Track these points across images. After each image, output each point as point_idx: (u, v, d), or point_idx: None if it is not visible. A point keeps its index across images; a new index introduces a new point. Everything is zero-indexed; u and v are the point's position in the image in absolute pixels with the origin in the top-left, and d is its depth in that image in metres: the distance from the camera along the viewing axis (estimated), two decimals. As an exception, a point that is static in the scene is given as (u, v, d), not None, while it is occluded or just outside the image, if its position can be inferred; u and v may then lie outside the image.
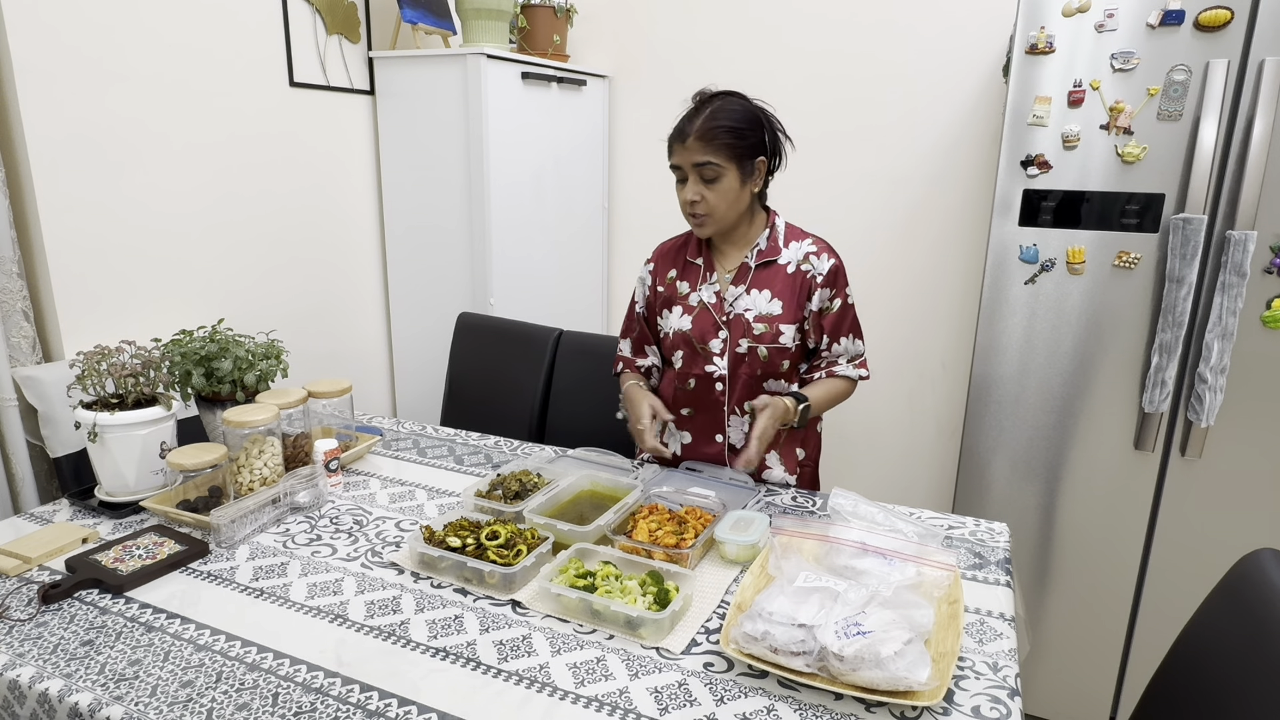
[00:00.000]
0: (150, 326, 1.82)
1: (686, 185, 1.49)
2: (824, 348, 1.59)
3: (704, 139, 1.43)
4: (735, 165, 1.46)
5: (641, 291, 1.70)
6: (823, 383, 1.59)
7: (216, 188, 2.03)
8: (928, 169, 2.46)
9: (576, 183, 2.74)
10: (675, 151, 1.48)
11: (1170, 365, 1.76)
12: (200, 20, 1.93)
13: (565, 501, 1.43)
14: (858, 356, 1.61)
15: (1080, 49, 1.72)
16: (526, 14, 2.55)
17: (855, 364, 1.60)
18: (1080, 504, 1.94)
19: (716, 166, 1.44)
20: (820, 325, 1.56)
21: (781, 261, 1.55)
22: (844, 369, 1.59)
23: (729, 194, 1.47)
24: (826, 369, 1.59)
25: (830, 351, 1.59)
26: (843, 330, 1.57)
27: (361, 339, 2.58)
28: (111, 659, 1.02)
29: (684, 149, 1.46)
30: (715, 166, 1.44)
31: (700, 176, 1.46)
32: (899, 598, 1.03)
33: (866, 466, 2.74)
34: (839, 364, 1.59)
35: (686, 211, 1.51)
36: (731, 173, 1.46)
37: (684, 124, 1.47)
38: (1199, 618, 1.06)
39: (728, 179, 1.46)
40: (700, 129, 1.44)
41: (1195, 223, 1.67)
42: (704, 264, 1.60)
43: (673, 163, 1.49)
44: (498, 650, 1.04)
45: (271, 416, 1.45)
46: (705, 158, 1.44)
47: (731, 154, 1.45)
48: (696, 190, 1.47)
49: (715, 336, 1.56)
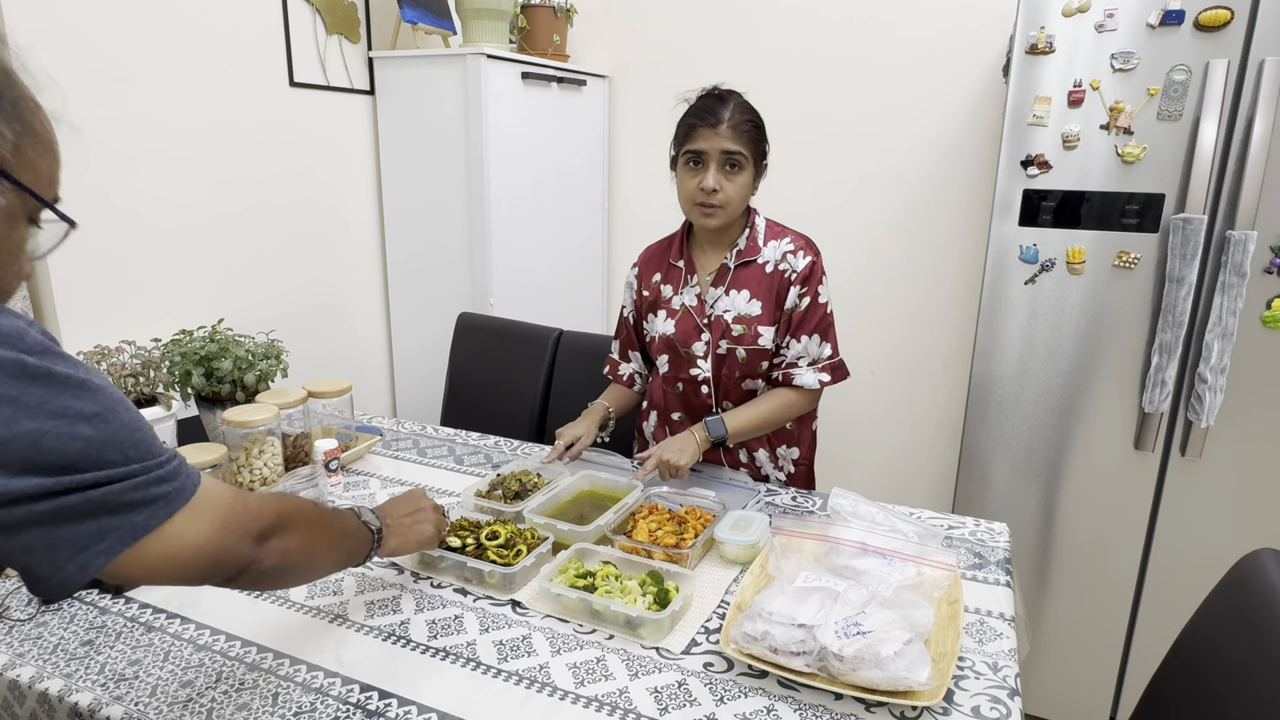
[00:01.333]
0: (150, 326, 1.82)
1: (705, 173, 1.45)
2: (784, 346, 1.53)
3: (736, 129, 1.44)
4: (754, 161, 1.48)
5: (629, 296, 1.70)
6: (765, 400, 1.53)
7: (216, 187, 2.03)
8: (928, 169, 2.46)
9: (576, 183, 2.74)
10: (702, 136, 1.44)
11: (1170, 365, 1.76)
12: (200, 21, 1.93)
13: (565, 501, 1.43)
14: (821, 360, 1.52)
15: (1080, 49, 1.72)
16: (526, 14, 2.55)
17: (817, 368, 1.52)
18: (1080, 504, 1.94)
19: (743, 157, 1.45)
20: (789, 323, 1.52)
21: (760, 261, 1.53)
22: (802, 374, 1.51)
23: (744, 188, 1.48)
24: (783, 374, 1.53)
25: (789, 350, 1.52)
26: (806, 329, 1.51)
27: (361, 339, 2.58)
28: (111, 659, 1.02)
29: (715, 134, 1.43)
30: (742, 157, 1.45)
31: (727, 164, 1.45)
32: (899, 598, 1.03)
33: (866, 466, 2.74)
34: (797, 367, 1.52)
35: (698, 200, 1.47)
36: (750, 168, 1.47)
37: (711, 109, 1.45)
38: (1199, 618, 1.06)
39: (747, 172, 1.47)
40: (732, 118, 1.44)
41: (1195, 223, 1.67)
42: (685, 266, 1.59)
43: (695, 147, 1.45)
44: (498, 650, 1.04)
45: (271, 416, 1.45)
46: (736, 146, 1.44)
47: (755, 149, 1.47)
48: (717, 179, 1.44)
49: (698, 339, 1.55)
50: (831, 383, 1.53)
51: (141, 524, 0.67)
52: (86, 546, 0.64)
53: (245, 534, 0.76)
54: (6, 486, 0.59)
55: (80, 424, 0.63)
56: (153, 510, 0.67)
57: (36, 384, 0.61)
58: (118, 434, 0.65)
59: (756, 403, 1.54)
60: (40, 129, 0.70)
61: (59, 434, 0.61)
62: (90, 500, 0.63)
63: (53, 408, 0.62)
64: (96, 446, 0.64)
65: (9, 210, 0.68)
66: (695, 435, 1.48)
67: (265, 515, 0.79)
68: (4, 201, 0.67)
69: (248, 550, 0.76)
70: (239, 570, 0.77)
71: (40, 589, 0.65)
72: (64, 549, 0.63)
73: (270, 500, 0.82)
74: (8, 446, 0.59)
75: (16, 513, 0.61)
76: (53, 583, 0.64)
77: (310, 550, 0.87)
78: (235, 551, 0.75)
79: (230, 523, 0.74)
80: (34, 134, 0.69)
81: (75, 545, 0.64)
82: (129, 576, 0.68)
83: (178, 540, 0.69)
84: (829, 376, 1.52)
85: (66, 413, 0.62)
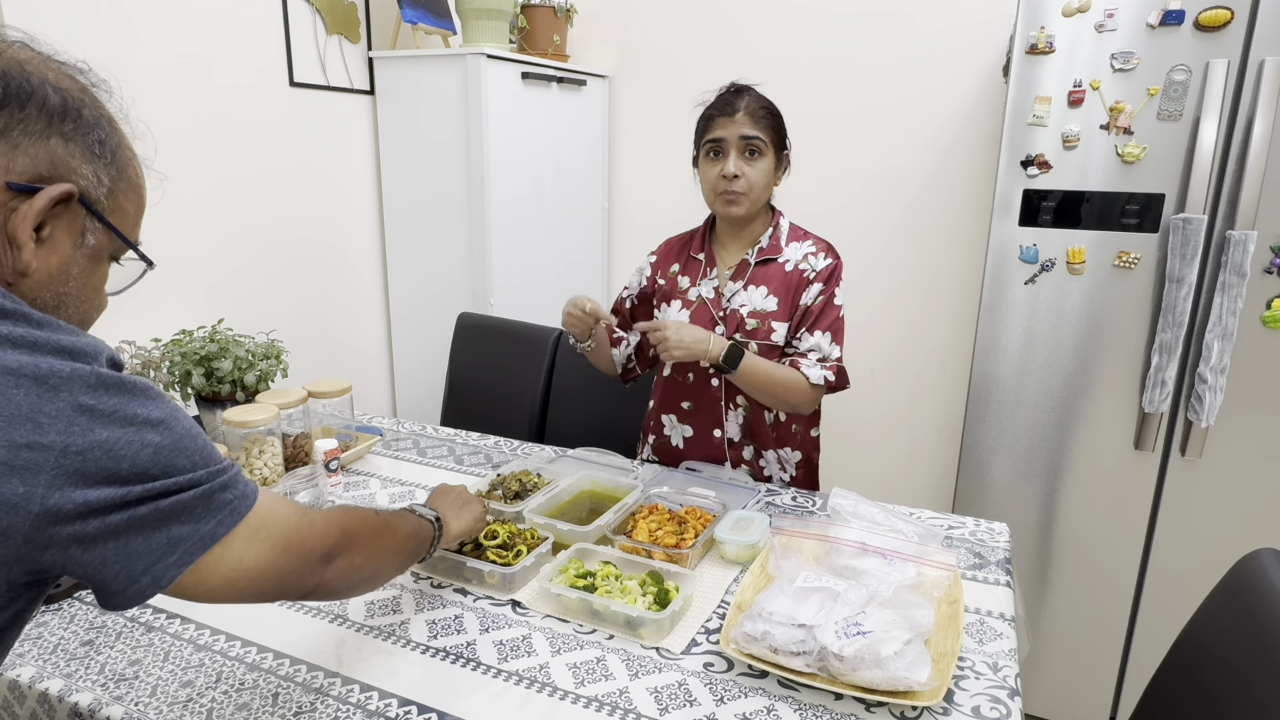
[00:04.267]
0: (150, 326, 1.82)
1: (726, 160, 1.48)
2: (795, 338, 1.53)
3: (753, 115, 1.48)
4: (774, 148, 1.50)
5: (637, 280, 1.71)
6: (781, 367, 1.51)
7: (216, 187, 2.03)
8: (928, 169, 2.46)
9: (576, 183, 2.74)
10: (719, 125, 1.49)
11: (1170, 365, 1.76)
12: (200, 20, 1.93)
13: (565, 501, 1.43)
14: (828, 359, 1.52)
15: (1080, 49, 1.72)
16: (526, 14, 2.55)
17: (824, 365, 1.51)
18: (1080, 504, 1.94)
19: (762, 142, 1.48)
20: (803, 317, 1.53)
21: (781, 260, 1.55)
22: (809, 367, 1.51)
23: (765, 175, 1.50)
24: (791, 361, 1.52)
25: (800, 343, 1.52)
26: (821, 325, 1.52)
27: (361, 339, 2.58)
28: (111, 659, 1.02)
29: (732, 122, 1.48)
30: (761, 142, 1.48)
31: (746, 150, 1.48)
32: (899, 598, 1.03)
33: (866, 466, 2.73)
34: (806, 359, 1.52)
35: (720, 189, 1.50)
36: (770, 155, 1.50)
37: (728, 100, 1.50)
38: (1199, 618, 1.06)
39: (767, 159, 1.50)
40: (749, 106, 1.48)
41: (1195, 223, 1.67)
42: (705, 260, 1.60)
43: (715, 136, 1.49)
44: (498, 650, 1.04)
45: (271, 416, 1.45)
46: (755, 132, 1.47)
47: (774, 136, 1.50)
48: (738, 165, 1.48)
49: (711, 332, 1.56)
50: (835, 385, 1.52)
51: (209, 533, 0.67)
52: (160, 558, 0.65)
53: (309, 556, 0.76)
54: (85, 497, 0.60)
55: (148, 431, 0.64)
56: (219, 520, 0.68)
57: (109, 392, 0.62)
58: (182, 440, 0.66)
59: (773, 365, 1.51)
60: (134, 175, 0.75)
61: (129, 441, 0.62)
62: (160, 510, 0.64)
63: (124, 415, 0.62)
64: (165, 453, 0.64)
65: (97, 249, 0.72)
66: (710, 345, 1.44)
67: (330, 536, 0.78)
68: (94, 241, 0.71)
69: (311, 573, 0.76)
70: (304, 593, 0.77)
71: (113, 603, 0.65)
72: (138, 561, 0.64)
73: (335, 517, 0.81)
74: (86, 456, 0.60)
75: (92, 525, 0.61)
76: (126, 595, 0.65)
77: (375, 561, 0.87)
78: (298, 574, 0.75)
79: (293, 545, 0.74)
80: (128, 180, 0.74)
81: (149, 557, 0.64)
82: (192, 596, 0.68)
83: (238, 563, 0.69)
84: (834, 377, 1.52)
85: (135, 420, 0.63)
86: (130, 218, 0.75)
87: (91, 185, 0.70)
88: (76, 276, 0.71)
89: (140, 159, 0.77)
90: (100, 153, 0.70)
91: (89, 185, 0.69)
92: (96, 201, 0.70)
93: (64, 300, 0.71)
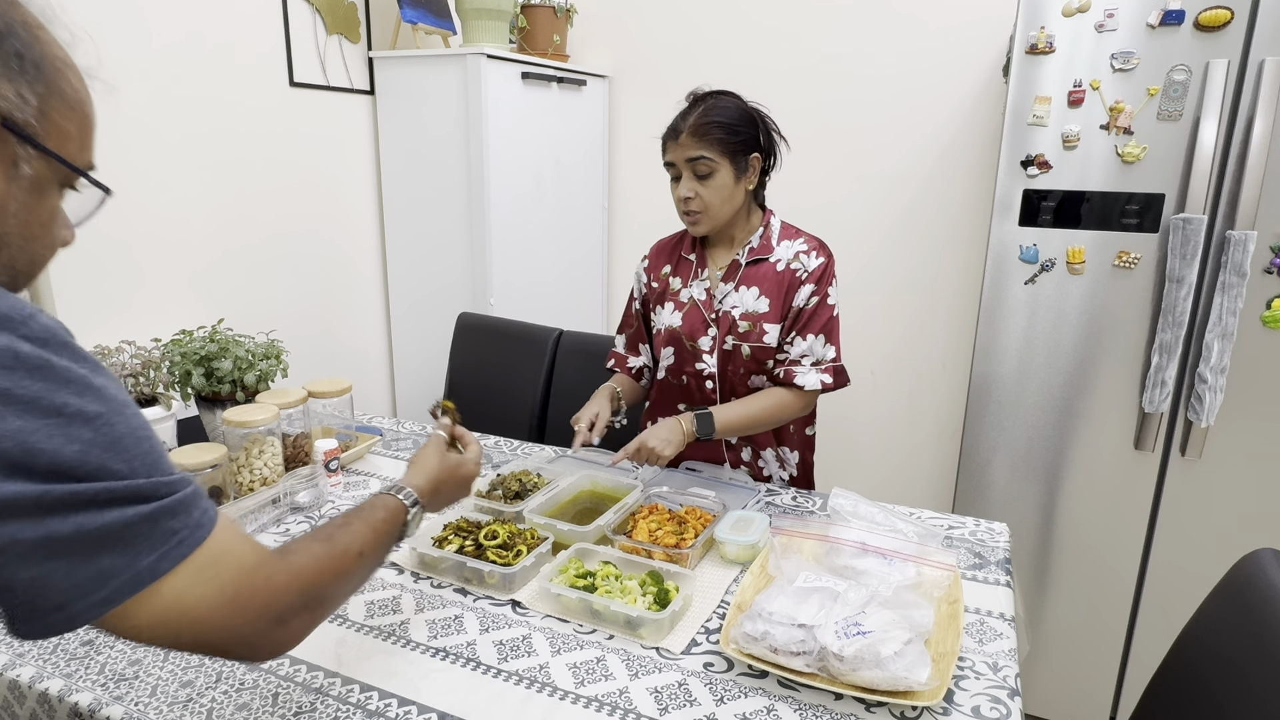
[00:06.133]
0: (150, 326, 1.82)
1: (680, 183, 1.48)
2: (787, 343, 1.52)
3: (696, 134, 1.44)
4: (728, 160, 1.45)
5: (638, 288, 1.71)
6: (758, 398, 1.51)
7: (216, 188, 2.03)
8: (928, 169, 2.46)
9: (576, 182, 2.74)
10: (669, 149, 1.48)
11: (1170, 365, 1.76)
12: (200, 20, 1.93)
13: (565, 501, 1.43)
14: (822, 362, 1.51)
15: (1080, 49, 1.72)
16: (526, 14, 2.55)
17: (819, 369, 1.50)
18: (1080, 504, 1.94)
19: (710, 161, 1.44)
20: (794, 319, 1.52)
21: (772, 260, 1.54)
22: (804, 374, 1.50)
23: (722, 190, 1.47)
24: (785, 370, 1.52)
25: (792, 348, 1.51)
26: (812, 328, 1.50)
27: (361, 339, 2.58)
28: (111, 659, 1.02)
29: (677, 145, 1.46)
30: (708, 161, 1.44)
31: (694, 172, 1.46)
32: (899, 598, 1.03)
33: (866, 466, 2.74)
34: (800, 366, 1.50)
35: (681, 210, 1.51)
36: (725, 168, 1.46)
37: (677, 121, 1.48)
38: (1199, 618, 1.06)
39: (721, 175, 1.46)
40: (693, 125, 1.44)
41: (1195, 223, 1.67)
42: (696, 260, 1.60)
43: (667, 160, 1.49)
44: (498, 650, 1.04)
45: (271, 416, 1.45)
46: (698, 152, 1.44)
47: (724, 149, 1.44)
48: (690, 187, 1.46)
49: (704, 334, 1.55)
50: (833, 386, 1.51)
51: (148, 570, 0.56)
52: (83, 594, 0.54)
53: (260, 615, 0.63)
54: None
55: (79, 424, 0.54)
56: (163, 553, 0.57)
57: (31, 376, 0.53)
58: (122, 440, 0.56)
59: (749, 400, 1.53)
60: (69, 89, 0.64)
61: (52, 433, 0.53)
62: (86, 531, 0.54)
63: (47, 404, 0.53)
64: (96, 452, 0.55)
65: (37, 179, 0.62)
66: (683, 426, 1.46)
67: (289, 593, 0.65)
68: (31, 170, 0.61)
69: (261, 636, 0.64)
70: (247, 656, 0.65)
71: (18, 631, 0.56)
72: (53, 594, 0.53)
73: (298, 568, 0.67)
74: None
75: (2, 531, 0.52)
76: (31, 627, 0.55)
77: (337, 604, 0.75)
78: (244, 639, 0.63)
79: (243, 597, 0.61)
80: (61, 95, 0.63)
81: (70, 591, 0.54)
82: (117, 631, 0.57)
83: (177, 605, 0.58)
84: (830, 379, 1.51)
85: (64, 410, 0.54)
86: (74, 139, 0.65)
87: (15, 106, 0.59)
88: (15, 213, 0.61)
89: (79, 69, 0.65)
90: (20, 67, 0.59)
91: (11, 106, 0.59)
92: (25, 125, 0.59)
93: (3, 241, 0.61)
